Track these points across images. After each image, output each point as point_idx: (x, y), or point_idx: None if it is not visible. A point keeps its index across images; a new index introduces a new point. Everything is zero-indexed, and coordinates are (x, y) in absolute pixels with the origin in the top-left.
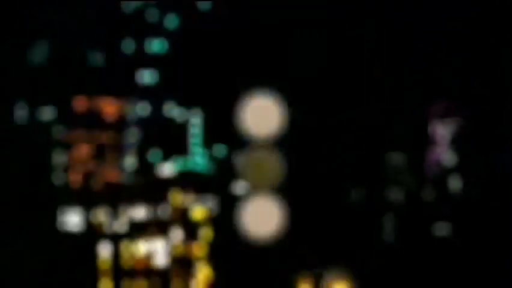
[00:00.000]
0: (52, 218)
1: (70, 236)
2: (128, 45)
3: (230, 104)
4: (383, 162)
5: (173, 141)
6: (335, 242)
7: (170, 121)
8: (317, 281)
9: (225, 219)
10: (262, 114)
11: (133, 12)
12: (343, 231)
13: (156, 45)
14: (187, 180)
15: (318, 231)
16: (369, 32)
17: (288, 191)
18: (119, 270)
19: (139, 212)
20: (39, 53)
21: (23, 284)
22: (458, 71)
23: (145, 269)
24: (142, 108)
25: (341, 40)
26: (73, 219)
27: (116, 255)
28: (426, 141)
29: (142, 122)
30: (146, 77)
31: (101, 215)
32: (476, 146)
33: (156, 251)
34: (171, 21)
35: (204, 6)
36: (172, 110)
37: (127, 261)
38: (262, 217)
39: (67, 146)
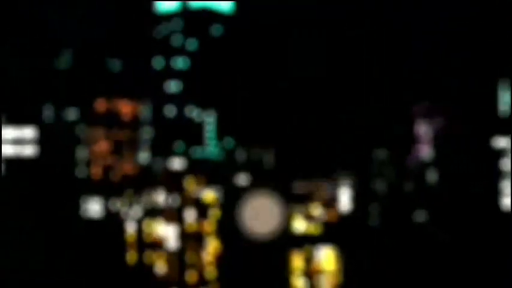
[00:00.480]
0: (76, 206)
1: (101, 219)
2: (159, 63)
3: (237, 107)
4: (370, 158)
5: (193, 135)
6: (327, 225)
7: (191, 120)
8: (309, 257)
9: (229, 203)
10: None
11: (162, 37)
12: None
13: (180, 63)
14: (203, 165)
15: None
16: (354, 37)
17: (287, 184)
18: (143, 244)
19: (160, 197)
20: (65, 61)
21: (58, 258)
22: (443, 73)
23: (163, 243)
24: (170, 110)
25: (328, 43)
26: (94, 207)
27: (140, 231)
28: (409, 139)
29: (169, 121)
30: (173, 86)
31: (127, 198)
32: (453, 144)
33: (169, 235)
34: (191, 44)
35: (216, 33)
36: (192, 112)
37: (148, 236)
38: (262, 217)
39: (89, 143)
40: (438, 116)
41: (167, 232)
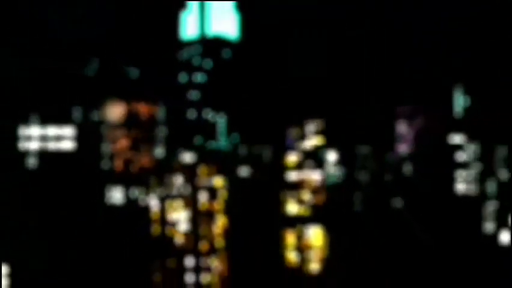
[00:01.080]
0: (101, 194)
1: (122, 205)
2: (183, 77)
3: (242, 111)
4: (355, 152)
5: (208, 132)
6: (315, 208)
7: (207, 120)
8: (300, 234)
9: (233, 189)
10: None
11: (185, 59)
12: (324, 203)
13: (199, 77)
14: (215, 156)
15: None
16: (350, 42)
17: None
18: (164, 220)
19: (178, 183)
20: (92, 70)
21: (86, 235)
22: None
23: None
24: (191, 113)
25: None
26: (116, 195)
27: (163, 210)
28: (389, 136)
29: (190, 121)
30: (194, 95)
31: (151, 185)
32: (427, 141)
33: (181, 219)
34: (208, 64)
35: (226, 56)
36: (208, 114)
37: (167, 215)
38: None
39: (112, 140)
40: (418, 117)
41: (180, 216)
